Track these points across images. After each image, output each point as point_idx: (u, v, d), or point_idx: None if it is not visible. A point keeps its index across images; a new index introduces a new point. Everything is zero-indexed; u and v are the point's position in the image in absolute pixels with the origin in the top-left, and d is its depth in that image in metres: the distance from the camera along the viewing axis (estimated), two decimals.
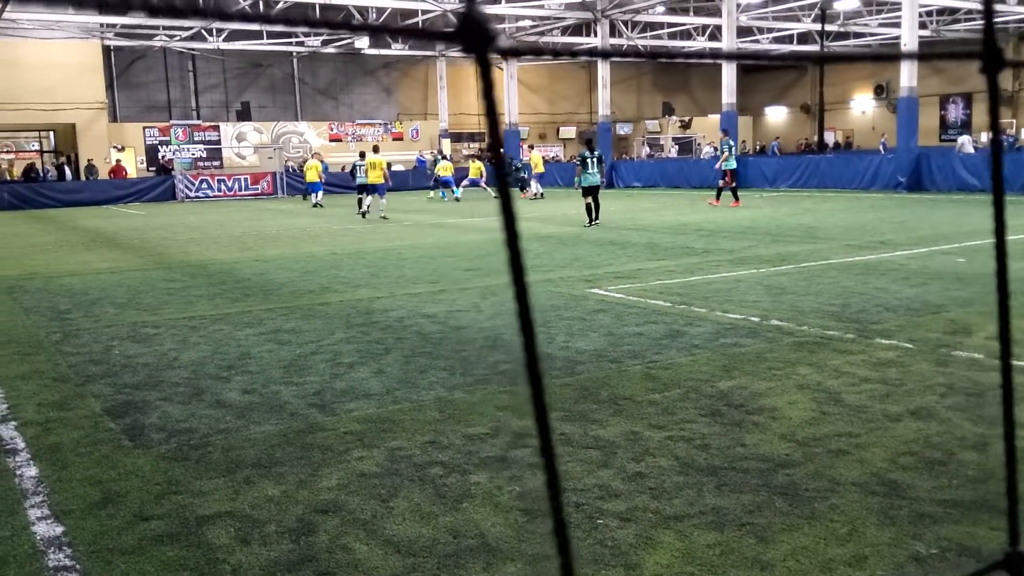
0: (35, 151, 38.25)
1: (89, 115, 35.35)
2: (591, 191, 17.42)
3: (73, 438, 4.96)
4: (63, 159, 36.65)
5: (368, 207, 22.04)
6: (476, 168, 30.54)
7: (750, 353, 6.42)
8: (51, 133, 37.86)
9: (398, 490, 4.06)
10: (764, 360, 6.20)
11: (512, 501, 3.87)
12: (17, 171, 35.74)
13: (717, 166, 21.73)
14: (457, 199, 28.77)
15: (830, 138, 45.31)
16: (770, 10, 37.03)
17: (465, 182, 29.88)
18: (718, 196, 21.93)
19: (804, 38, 42.47)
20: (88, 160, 35.21)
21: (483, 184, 29.94)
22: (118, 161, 36.11)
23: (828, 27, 37.36)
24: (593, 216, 17.45)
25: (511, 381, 5.88)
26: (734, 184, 21.55)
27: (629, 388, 5.59)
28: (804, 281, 9.64)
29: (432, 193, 31.44)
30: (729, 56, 0.80)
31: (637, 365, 6.18)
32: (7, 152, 36.89)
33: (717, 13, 33.00)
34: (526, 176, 29.43)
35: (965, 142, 30.25)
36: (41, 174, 35.67)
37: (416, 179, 37.19)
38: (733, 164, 21.61)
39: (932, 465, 4.14)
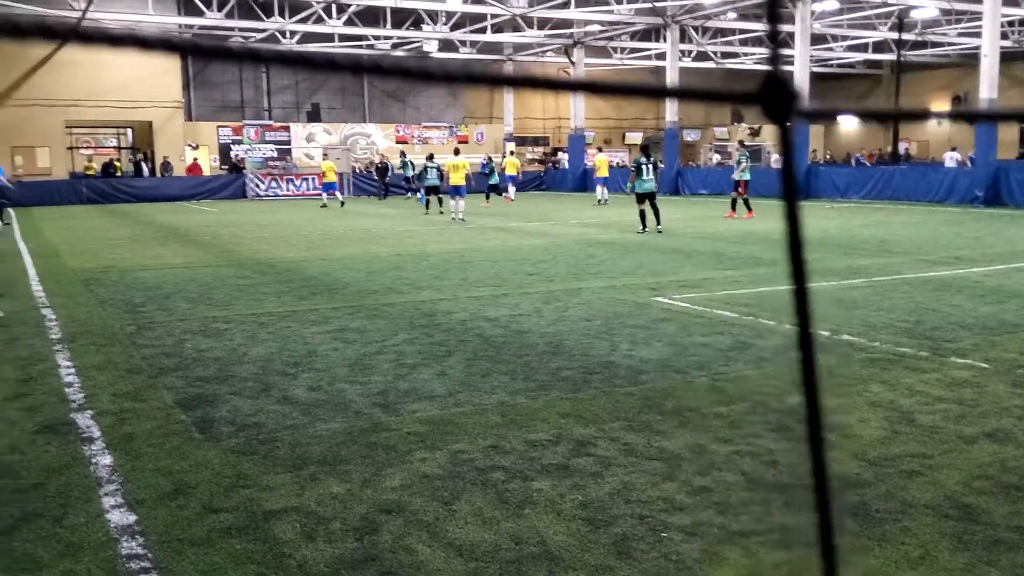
0: (113, 147, 39.46)
1: (166, 113, 36.34)
2: (646, 197, 17.44)
3: (146, 429, 5.09)
4: (140, 156, 37.72)
5: (458, 210, 21.65)
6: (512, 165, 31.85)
7: (820, 368, 6.27)
8: (129, 130, 39.01)
9: (460, 493, 4.07)
10: (834, 376, 6.06)
11: (575, 510, 3.85)
12: (96, 166, 36.88)
13: (733, 176, 21.62)
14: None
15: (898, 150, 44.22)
16: (845, 18, 36.29)
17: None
18: (733, 207, 21.60)
19: (880, 47, 41.53)
20: (164, 157, 36.20)
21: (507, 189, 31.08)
22: (195, 159, 37.05)
23: (905, 35, 36.49)
24: (645, 223, 17.41)
25: (573, 388, 5.86)
26: (746, 196, 21.49)
27: (695, 400, 5.53)
28: (876, 295, 9.41)
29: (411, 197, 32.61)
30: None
31: (703, 376, 6.10)
32: (87, 148, 38.10)
33: (790, 20, 32.47)
34: (499, 182, 29.87)
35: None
36: (119, 170, 36.79)
37: (479, 182, 37.29)
38: (747, 175, 21.57)
39: (1008, 490, 4.00)
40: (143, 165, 36.66)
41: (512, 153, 38.60)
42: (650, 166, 17.49)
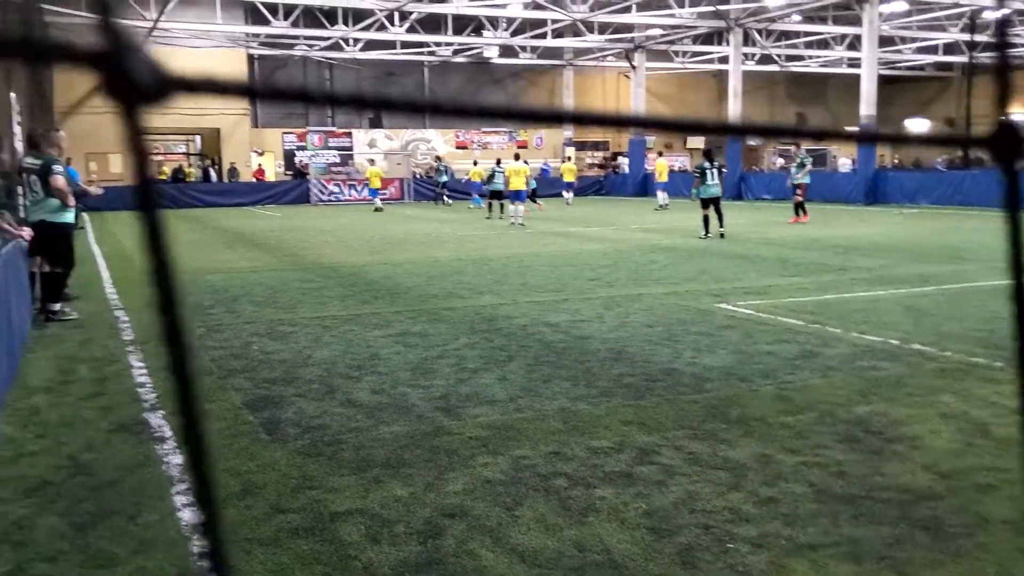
0: (183, 154, 40.49)
1: (233, 120, 37.18)
2: (710, 202, 17.33)
3: (215, 429, 5.20)
4: (208, 162, 38.65)
5: (518, 214, 21.90)
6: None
7: (889, 378, 6.14)
8: (197, 137, 39.99)
9: (523, 499, 4.07)
10: (904, 386, 5.91)
11: (638, 518, 3.82)
12: (167, 172, 37.87)
13: (797, 179, 21.19)
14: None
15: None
16: (915, 19, 35.45)
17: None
18: (797, 212, 21.16)
19: (951, 48, 40.47)
20: (231, 163, 37.03)
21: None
22: (260, 165, 37.85)
23: (977, 37, 35.50)
24: (708, 228, 17.25)
25: (636, 395, 5.82)
26: (803, 199, 21.15)
27: (760, 409, 5.44)
28: (948, 304, 9.16)
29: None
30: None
31: (768, 385, 6.01)
32: (158, 154, 39.14)
33: (857, 22, 31.83)
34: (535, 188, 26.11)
35: None
36: (188, 176, 37.77)
37: (540, 187, 37.32)
38: (808, 179, 21.38)
39: None
40: (211, 171, 37.54)
41: (569, 159, 38.59)
42: (714, 171, 17.37)
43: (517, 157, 23.95)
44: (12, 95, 9.22)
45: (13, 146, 10.04)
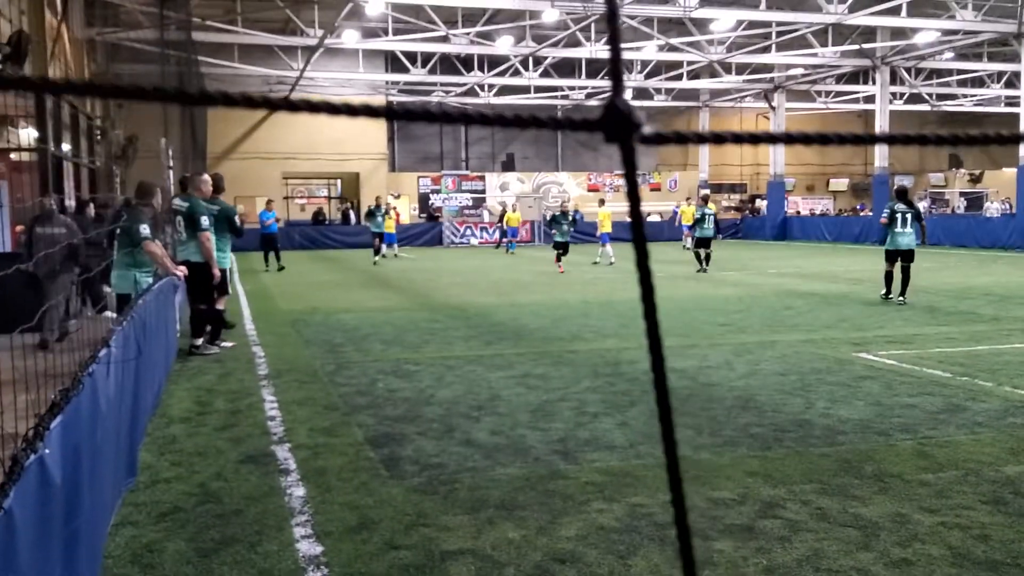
0: (324, 197, 42.28)
1: (371, 165, 38.63)
2: (897, 256, 13.21)
3: (337, 464, 5.31)
4: (347, 205, 40.19)
5: (606, 255, 23.45)
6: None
7: None
8: (338, 181, 41.72)
9: (637, 548, 3.94)
10: None
11: (758, 574, 3.63)
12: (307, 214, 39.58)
13: None
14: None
15: None
16: None
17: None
18: None
19: None
20: (368, 206, 38.41)
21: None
22: (395, 208, 39.10)
23: None
24: (890, 287, 13.44)
25: (763, 446, 5.57)
26: None
27: (898, 465, 5.11)
28: None
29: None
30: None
31: (908, 440, 5.64)
32: (301, 197, 41.04)
33: (1015, 58, 30.17)
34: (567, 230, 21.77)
35: None
36: (327, 218, 39.39)
37: (671, 231, 36.92)
38: None
39: None
40: (350, 213, 39.00)
41: (688, 200, 38.27)
42: (909, 215, 13.15)
43: (602, 203, 25.69)
44: (163, 140, 9.89)
45: (166, 188, 10.77)
